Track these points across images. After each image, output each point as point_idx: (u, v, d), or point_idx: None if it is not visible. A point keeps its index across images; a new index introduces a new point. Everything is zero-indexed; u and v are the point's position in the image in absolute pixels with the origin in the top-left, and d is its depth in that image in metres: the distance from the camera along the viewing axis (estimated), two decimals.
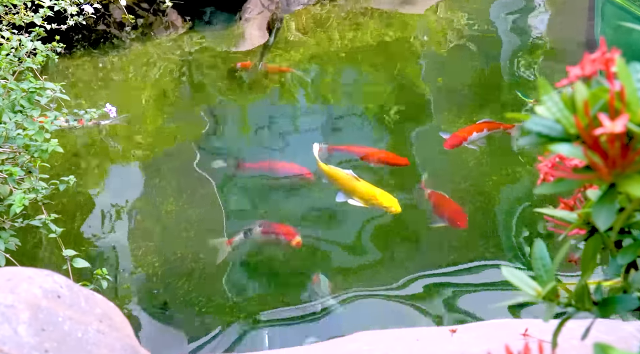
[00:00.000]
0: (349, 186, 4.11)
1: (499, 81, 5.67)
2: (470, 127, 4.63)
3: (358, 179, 4.12)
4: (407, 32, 6.47)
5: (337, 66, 6.01)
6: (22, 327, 1.32)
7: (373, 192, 4.04)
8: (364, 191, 4.06)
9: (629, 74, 0.74)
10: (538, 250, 0.93)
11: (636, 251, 0.85)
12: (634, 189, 0.71)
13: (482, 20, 6.64)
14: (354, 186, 4.09)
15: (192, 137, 4.99)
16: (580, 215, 0.92)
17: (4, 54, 3.16)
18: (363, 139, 4.88)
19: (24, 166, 2.82)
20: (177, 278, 3.64)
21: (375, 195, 4.02)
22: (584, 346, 0.98)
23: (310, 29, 6.59)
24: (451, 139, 4.52)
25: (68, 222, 3.95)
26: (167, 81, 5.79)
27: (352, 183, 4.11)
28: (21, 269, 1.54)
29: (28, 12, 3.65)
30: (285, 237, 3.83)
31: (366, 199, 4.03)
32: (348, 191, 4.10)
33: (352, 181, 4.12)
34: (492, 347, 1.70)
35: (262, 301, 3.50)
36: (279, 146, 4.93)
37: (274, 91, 5.72)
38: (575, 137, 0.75)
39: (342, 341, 2.04)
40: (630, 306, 0.86)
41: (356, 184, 4.10)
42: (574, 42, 6.09)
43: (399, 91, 5.54)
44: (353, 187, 4.09)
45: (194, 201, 4.23)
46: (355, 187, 4.09)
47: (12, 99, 2.90)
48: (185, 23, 6.60)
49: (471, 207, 4.08)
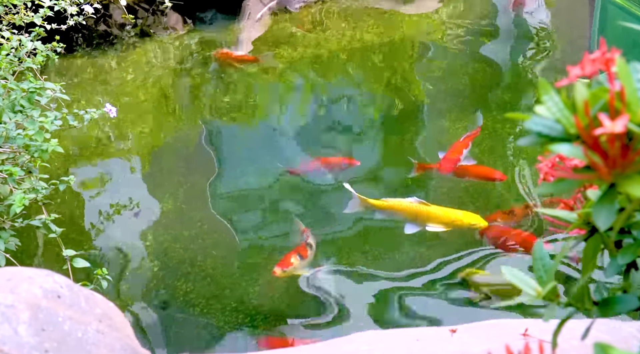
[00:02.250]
0: (421, 214, 3.78)
1: (499, 82, 5.67)
2: (458, 145, 4.35)
3: (428, 204, 3.81)
4: (407, 32, 6.47)
5: (337, 66, 6.01)
6: (22, 327, 1.32)
7: (454, 214, 3.76)
8: (442, 215, 3.76)
9: (629, 74, 0.74)
10: (538, 250, 0.93)
11: (636, 251, 0.85)
12: (634, 189, 0.71)
13: (482, 20, 6.64)
14: (428, 212, 3.78)
15: (194, 137, 4.99)
16: (580, 215, 0.92)
17: (4, 54, 3.16)
18: (364, 140, 4.89)
19: (24, 166, 2.82)
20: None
21: (457, 216, 3.75)
22: (584, 346, 0.97)
23: (310, 28, 6.58)
24: (445, 163, 4.22)
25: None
26: (167, 81, 5.78)
27: (424, 210, 3.79)
28: (21, 269, 1.54)
29: (28, 12, 3.65)
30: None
31: (447, 222, 3.74)
32: (421, 219, 3.78)
33: (422, 208, 3.80)
34: (492, 347, 1.70)
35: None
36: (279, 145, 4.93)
37: (273, 91, 5.72)
38: (575, 137, 0.75)
39: (341, 341, 2.03)
40: (630, 306, 0.86)
41: (430, 210, 3.78)
42: (574, 42, 6.09)
43: (399, 90, 5.54)
44: (427, 214, 3.77)
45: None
46: (430, 213, 3.77)
47: (12, 99, 2.90)
48: (186, 25, 6.60)
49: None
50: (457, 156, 4.24)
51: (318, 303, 3.48)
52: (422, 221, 3.77)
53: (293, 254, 3.60)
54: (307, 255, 3.63)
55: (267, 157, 4.67)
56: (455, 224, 3.73)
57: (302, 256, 3.61)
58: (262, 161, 4.62)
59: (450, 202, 3.98)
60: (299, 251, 3.63)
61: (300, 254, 3.62)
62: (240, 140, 5.10)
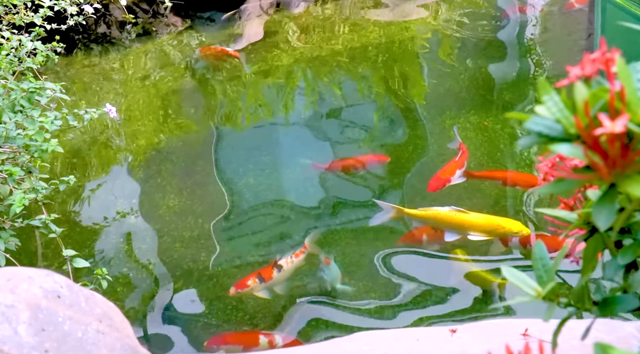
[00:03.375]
0: (461, 223, 3.62)
1: (499, 81, 5.67)
2: (451, 165, 4.11)
3: (466, 212, 3.64)
4: (406, 33, 6.47)
5: (337, 66, 6.01)
6: (22, 327, 1.32)
7: (496, 221, 3.60)
8: (484, 223, 3.61)
9: (629, 74, 0.74)
10: (538, 250, 0.93)
11: (636, 251, 0.85)
12: (634, 189, 0.71)
13: (482, 19, 6.64)
14: (468, 220, 3.62)
15: (197, 138, 5.00)
16: (580, 215, 0.92)
17: (4, 54, 3.16)
18: (364, 140, 4.88)
19: (24, 166, 2.82)
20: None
21: (500, 223, 3.58)
22: (584, 346, 0.98)
23: (310, 29, 6.58)
24: (433, 181, 4.00)
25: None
26: (167, 81, 5.78)
27: (464, 218, 3.63)
28: (21, 269, 1.54)
29: (28, 12, 3.65)
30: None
31: (490, 230, 3.58)
32: (462, 228, 3.62)
33: (462, 216, 3.63)
34: (492, 347, 1.70)
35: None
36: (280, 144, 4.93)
37: (270, 90, 5.72)
38: (576, 137, 0.75)
39: (342, 341, 2.04)
40: (630, 306, 0.86)
41: (470, 219, 3.62)
42: (574, 42, 6.09)
43: (399, 91, 5.54)
44: (468, 223, 3.62)
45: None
46: (471, 221, 3.62)
47: (12, 99, 2.90)
48: (185, 22, 6.60)
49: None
50: (448, 176, 4.02)
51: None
52: (463, 230, 3.62)
53: (253, 276, 3.44)
54: (269, 278, 3.43)
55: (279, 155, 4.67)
56: (497, 232, 3.58)
57: (262, 279, 3.42)
58: (274, 159, 4.61)
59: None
60: (260, 273, 3.45)
61: (261, 276, 3.43)
62: (239, 141, 5.09)
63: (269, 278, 3.43)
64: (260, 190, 4.33)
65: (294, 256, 3.57)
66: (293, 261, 3.55)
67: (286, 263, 3.52)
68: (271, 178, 4.44)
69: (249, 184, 4.38)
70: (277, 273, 3.46)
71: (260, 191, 4.32)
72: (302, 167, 4.51)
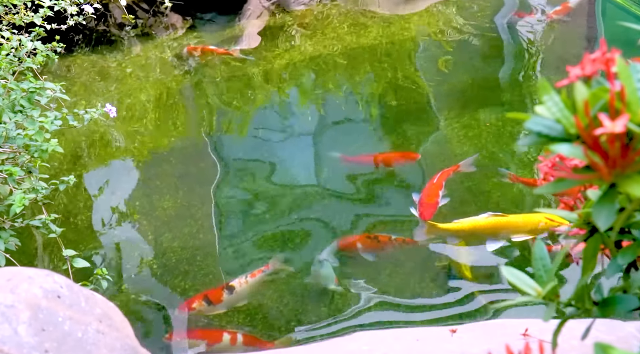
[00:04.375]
0: (503, 227, 3.52)
1: (499, 82, 5.67)
2: (432, 187, 3.93)
3: (504, 215, 3.55)
4: (406, 33, 6.47)
5: (336, 66, 6.01)
6: (22, 327, 1.32)
7: (537, 219, 3.45)
8: (524, 223, 3.50)
9: (629, 74, 0.74)
10: (538, 250, 0.93)
11: (636, 251, 0.85)
12: (634, 189, 0.71)
13: (482, 19, 6.63)
14: (509, 223, 3.52)
15: (196, 137, 4.99)
16: (581, 215, 0.92)
17: (4, 54, 3.17)
18: (364, 141, 4.87)
19: (24, 166, 2.82)
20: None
21: (540, 220, 3.43)
22: (584, 346, 0.98)
23: (310, 29, 6.58)
24: (425, 209, 3.79)
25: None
26: (167, 81, 5.78)
27: (505, 222, 3.53)
28: (21, 269, 1.54)
29: (28, 12, 3.65)
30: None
31: (532, 229, 3.45)
32: (504, 232, 3.51)
33: (501, 220, 3.53)
34: (492, 347, 1.70)
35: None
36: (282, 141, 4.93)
37: (270, 91, 5.73)
38: (576, 137, 0.75)
39: (342, 341, 2.04)
40: (630, 306, 0.86)
41: (510, 221, 3.52)
42: (574, 42, 6.09)
43: (398, 91, 5.53)
44: (509, 226, 3.52)
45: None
46: (511, 223, 3.52)
47: (12, 99, 2.90)
48: (185, 22, 6.60)
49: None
50: (435, 199, 3.86)
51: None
52: (506, 234, 3.50)
53: (198, 299, 3.27)
54: (219, 300, 3.25)
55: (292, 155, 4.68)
56: (541, 230, 3.42)
57: (209, 302, 3.23)
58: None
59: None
60: (207, 295, 3.28)
61: (207, 299, 3.25)
62: (239, 144, 5.10)
63: (218, 301, 3.25)
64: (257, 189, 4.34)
65: (249, 277, 3.38)
66: (247, 282, 3.34)
67: (239, 284, 3.33)
68: (270, 179, 4.44)
69: (250, 185, 4.39)
70: (228, 295, 3.28)
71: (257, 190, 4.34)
72: (302, 167, 4.51)
